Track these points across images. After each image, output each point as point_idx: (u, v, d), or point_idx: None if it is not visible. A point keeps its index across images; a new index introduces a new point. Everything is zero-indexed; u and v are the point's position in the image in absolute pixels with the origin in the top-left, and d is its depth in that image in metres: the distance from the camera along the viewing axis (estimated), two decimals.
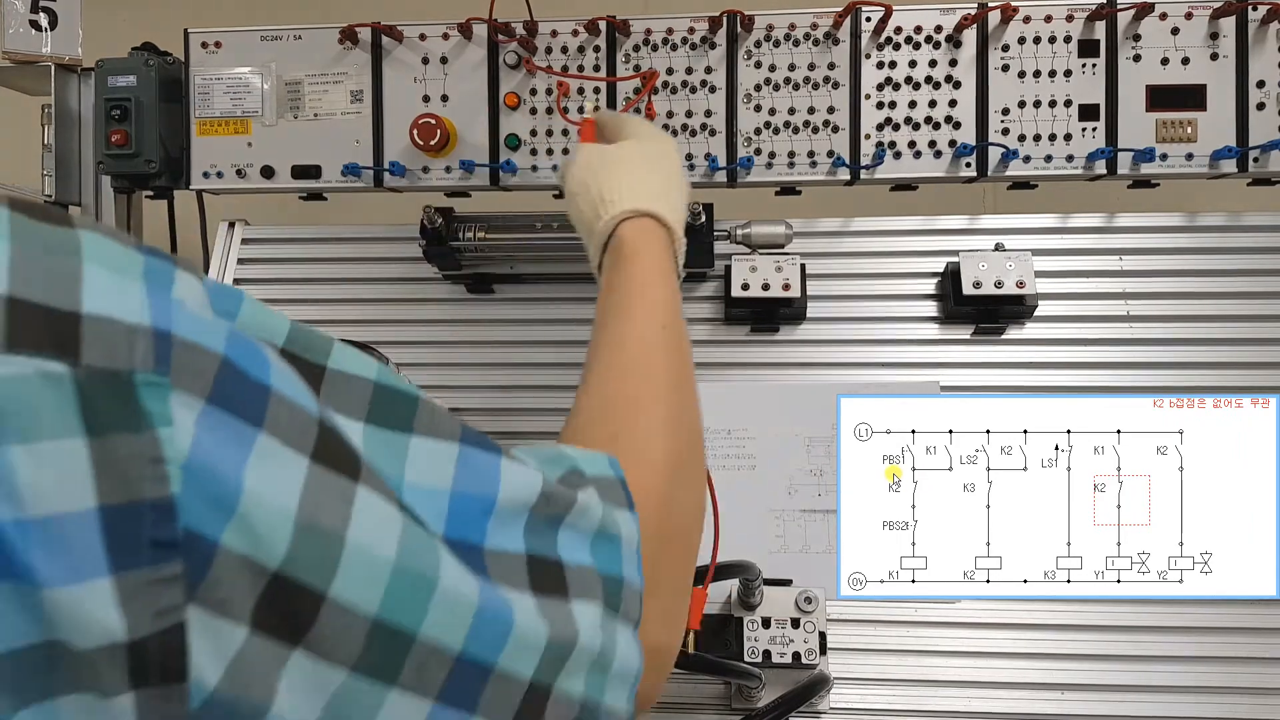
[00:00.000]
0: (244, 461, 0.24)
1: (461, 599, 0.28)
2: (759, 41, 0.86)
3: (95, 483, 0.22)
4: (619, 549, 0.35)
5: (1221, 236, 0.89)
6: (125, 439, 0.22)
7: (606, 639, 0.33)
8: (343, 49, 0.89)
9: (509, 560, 0.31)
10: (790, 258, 0.87)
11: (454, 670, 0.28)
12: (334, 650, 0.26)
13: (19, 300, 0.22)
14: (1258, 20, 0.82)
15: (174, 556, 0.23)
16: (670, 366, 0.50)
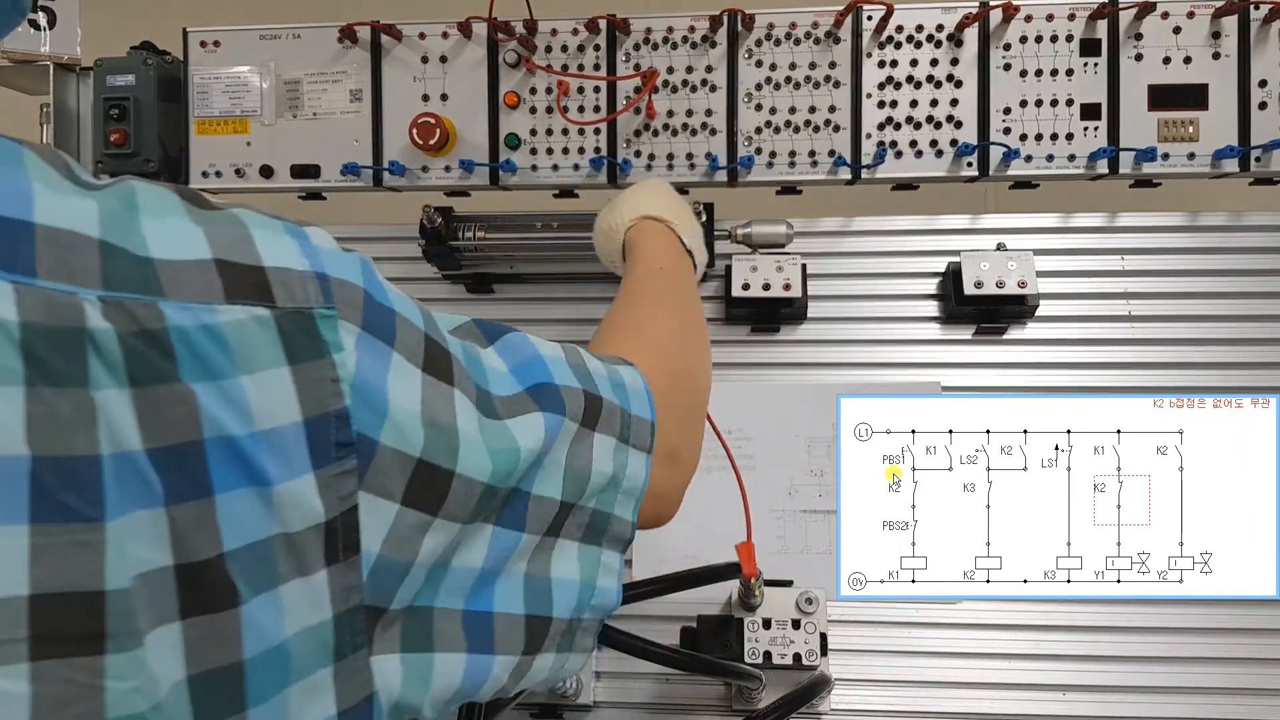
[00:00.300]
0: (386, 375, 0.31)
1: (520, 451, 0.36)
2: (760, 40, 0.86)
3: (299, 401, 0.28)
4: (626, 390, 0.43)
5: (1223, 236, 0.89)
6: (314, 365, 0.29)
7: (619, 462, 0.41)
8: (342, 48, 0.88)
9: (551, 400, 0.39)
10: (791, 257, 0.87)
11: (508, 498, 0.36)
12: (459, 512, 0.33)
13: (224, 261, 0.27)
14: (1260, 19, 0.82)
15: (350, 454, 0.29)
16: (670, 285, 0.61)
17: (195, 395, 0.26)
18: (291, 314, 0.28)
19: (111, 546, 0.24)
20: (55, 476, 0.23)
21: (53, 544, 0.23)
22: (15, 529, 0.22)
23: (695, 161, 0.87)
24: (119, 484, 0.24)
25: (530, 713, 0.79)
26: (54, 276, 0.24)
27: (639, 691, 0.80)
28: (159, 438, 0.25)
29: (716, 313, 0.91)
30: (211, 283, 0.27)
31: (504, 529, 0.36)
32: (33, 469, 0.23)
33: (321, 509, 0.29)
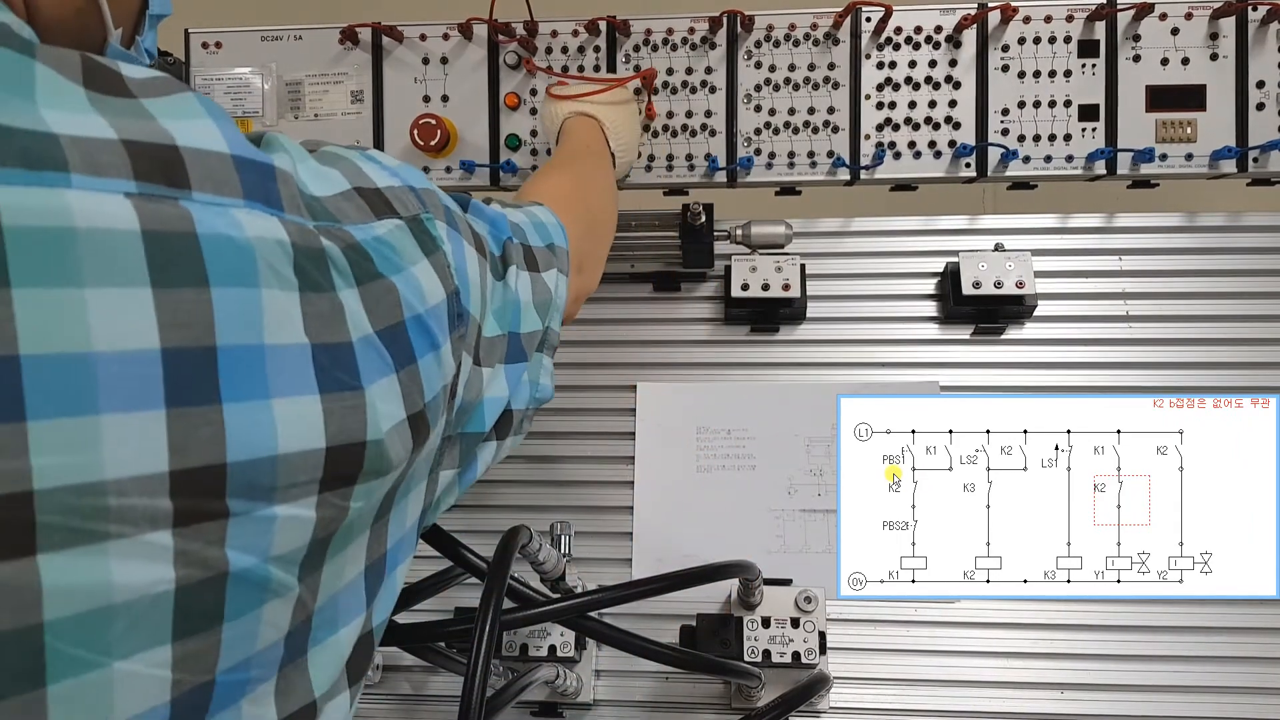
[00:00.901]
0: (464, 258, 0.40)
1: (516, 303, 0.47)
2: (759, 42, 0.86)
3: (441, 283, 0.37)
4: (548, 229, 0.54)
5: (1221, 237, 0.89)
6: (436, 256, 0.37)
7: (554, 286, 0.52)
8: (343, 49, 0.89)
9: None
10: (790, 258, 0.87)
11: (509, 343, 0.46)
12: (488, 360, 0.43)
13: (359, 189, 0.35)
14: (1257, 20, 0.83)
15: (462, 323, 0.39)
16: (580, 163, 0.74)
17: (394, 285, 0.33)
18: (412, 220, 0.36)
19: (370, 408, 0.31)
20: (327, 357, 0.30)
21: (335, 408, 0.30)
22: (309, 398, 0.29)
23: (695, 162, 0.87)
24: (365, 360, 0.31)
25: (530, 711, 0.79)
26: (291, 212, 0.30)
27: (639, 690, 0.80)
28: (381, 320, 0.33)
29: (716, 313, 0.92)
30: (360, 208, 0.34)
31: (512, 364, 0.46)
32: (313, 353, 0.29)
33: (453, 367, 0.37)
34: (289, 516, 0.29)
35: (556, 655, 0.75)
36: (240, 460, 0.27)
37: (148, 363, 0.24)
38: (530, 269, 0.49)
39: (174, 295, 0.25)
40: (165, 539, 0.25)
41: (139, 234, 0.24)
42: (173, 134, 0.27)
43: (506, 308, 0.45)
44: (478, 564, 0.60)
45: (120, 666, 0.24)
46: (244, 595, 0.28)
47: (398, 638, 0.64)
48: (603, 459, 0.88)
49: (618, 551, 0.85)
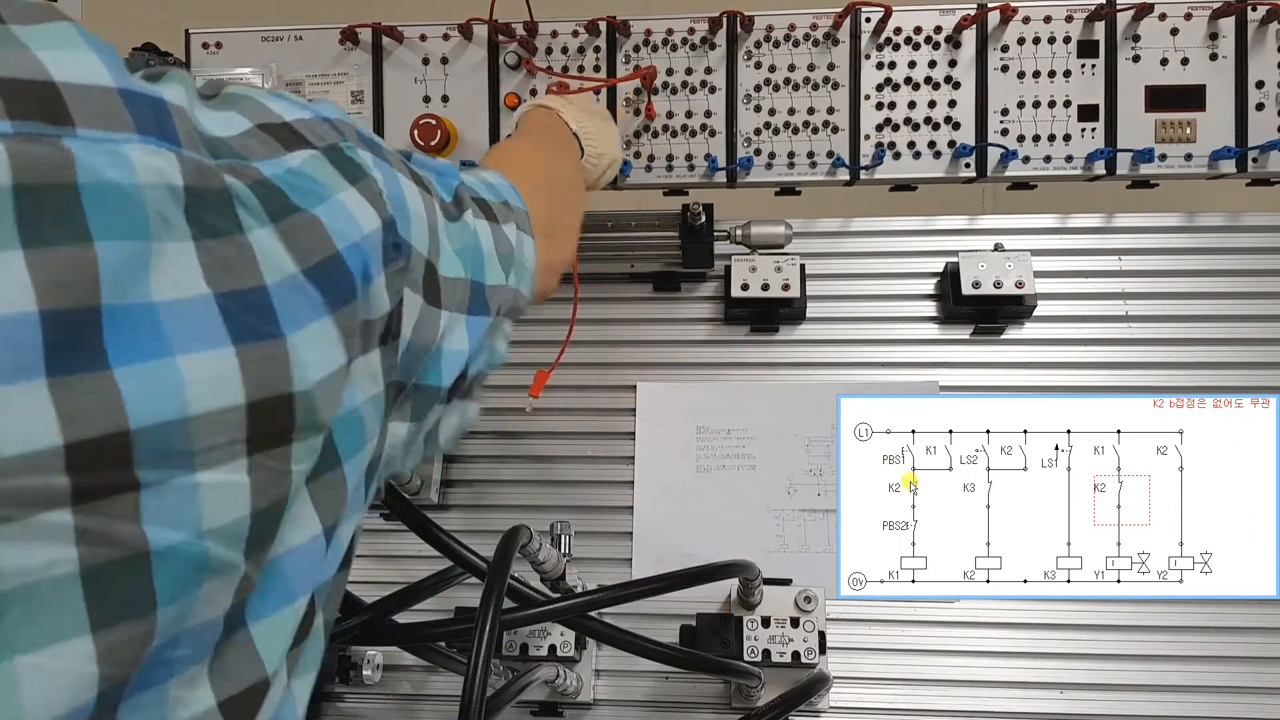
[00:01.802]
0: (399, 187, 0.36)
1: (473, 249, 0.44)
2: (759, 42, 0.86)
3: (373, 210, 0.33)
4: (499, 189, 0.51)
5: (1221, 237, 0.89)
6: (365, 183, 0.34)
7: (519, 244, 0.50)
8: (343, 49, 0.89)
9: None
10: (790, 258, 0.87)
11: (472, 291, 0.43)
12: (449, 303, 0.40)
13: (263, 124, 0.32)
14: (1257, 21, 0.83)
15: (400, 255, 0.35)
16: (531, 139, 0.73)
17: (317, 218, 0.30)
18: (329, 149, 0.33)
19: (293, 356, 0.28)
20: (236, 305, 0.27)
21: (252, 359, 0.27)
22: (222, 350, 0.26)
23: (695, 163, 0.87)
24: (286, 305, 0.28)
25: (530, 710, 0.79)
26: (189, 147, 0.28)
27: (639, 689, 0.80)
28: (308, 258, 0.30)
29: (716, 313, 0.92)
30: (267, 143, 0.31)
31: (475, 316, 0.43)
32: (219, 303, 0.26)
33: (388, 302, 0.34)
34: (215, 483, 0.26)
35: (556, 655, 0.75)
36: (145, 425, 0.24)
37: (25, 327, 0.22)
38: (489, 219, 0.47)
39: (50, 254, 0.22)
40: (63, 518, 0.22)
41: (9, 190, 0.22)
42: (47, 66, 0.24)
43: (466, 251, 0.42)
44: (478, 564, 0.60)
45: (25, 660, 0.22)
46: (176, 576, 0.25)
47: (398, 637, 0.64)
48: (603, 459, 0.88)
49: (618, 551, 0.85)
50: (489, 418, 0.90)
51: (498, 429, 0.90)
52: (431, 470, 0.87)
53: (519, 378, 0.91)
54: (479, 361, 0.46)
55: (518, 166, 0.59)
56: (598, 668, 0.81)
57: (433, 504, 0.86)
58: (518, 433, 0.90)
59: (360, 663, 0.80)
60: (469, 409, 0.48)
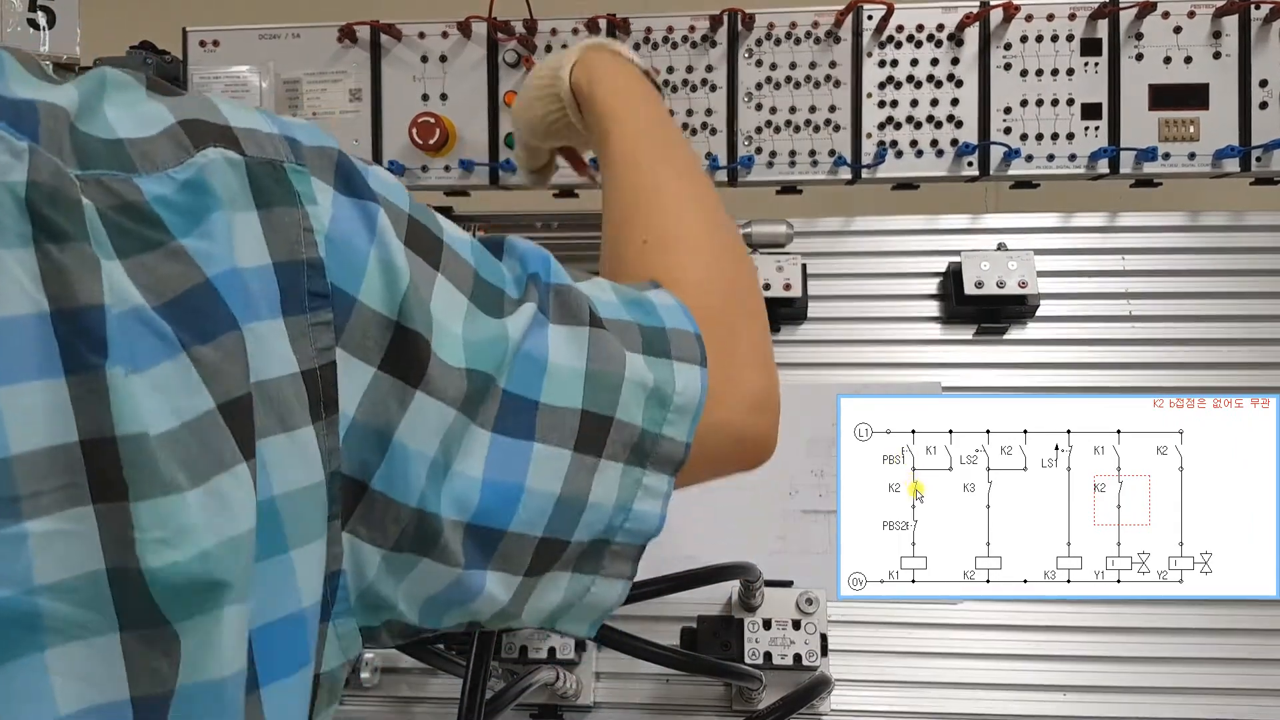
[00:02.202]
0: (365, 235, 0.30)
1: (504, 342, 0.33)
2: (760, 40, 0.86)
3: (268, 244, 0.28)
4: (656, 307, 0.40)
5: (1224, 236, 0.89)
6: (285, 210, 0.28)
7: (660, 375, 0.37)
8: (341, 47, 0.88)
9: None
10: (791, 257, 0.87)
11: (503, 403, 0.33)
12: (446, 389, 0.31)
13: (189, 120, 0.27)
14: (1260, 19, 0.82)
15: (325, 305, 0.29)
16: (672, 150, 0.52)
17: (184, 248, 0.26)
18: (262, 163, 0.28)
19: (117, 395, 0.24)
20: (69, 327, 0.23)
21: (83, 393, 0.23)
22: (51, 381, 0.23)
23: None
24: (122, 336, 0.24)
25: (530, 714, 0.79)
26: (48, 147, 0.24)
27: (639, 692, 0.80)
28: (160, 292, 0.25)
29: None
30: (179, 146, 0.27)
31: (505, 436, 0.33)
32: (53, 322, 0.23)
33: (293, 359, 0.28)
34: (49, 532, 0.23)
35: (556, 657, 0.75)
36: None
37: None
38: (586, 323, 0.36)
39: None
40: None
41: None
42: None
43: (494, 344, 0.33)
44: None
45: None
46: (5, 638, 0.22)
47: None
48: None
49: None
50: None
51: None
52: None
53: None
54: (589, 521, 0.36)
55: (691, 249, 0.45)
56: (598, 670, 0.80)
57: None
58: None
59: (358, 666, 0.80)
60: (596, 586, 0.38)
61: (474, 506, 0.32)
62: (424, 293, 0.31)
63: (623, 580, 0.39)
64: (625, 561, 0.38)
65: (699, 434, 0.38)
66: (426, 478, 0.31)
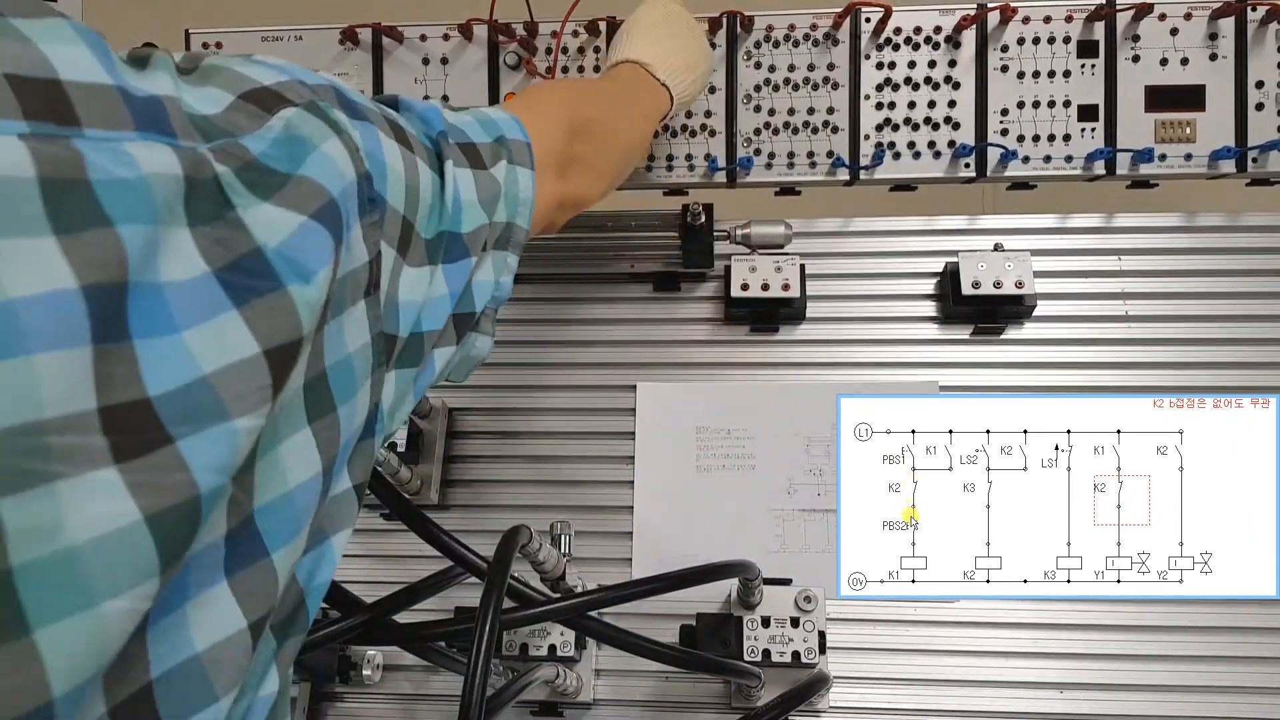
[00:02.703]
0: (378, 144, 0.38)
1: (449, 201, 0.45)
2: (759, 42, 0.86)
3: (352, 163, 0.35)
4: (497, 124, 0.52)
5: (1220, 237, 0.89)
6: (344, 137, 0.35)
7: (508, 178, 0.50)
8: (343, 49, 0.89)
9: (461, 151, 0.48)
10: (790, 258, 0.87)
11: (448, 242, 0.45)
12: (418, 260, 0.42)
13: (246, 93, 0.33)
14: (1257, 21, 0.83)
15: (375, 209, 0.37)
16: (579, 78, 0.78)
17: (304, 176, 0.32)
18: (309, 105, 0.35)
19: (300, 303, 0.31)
20: (235, 274, 0.29)
21: (257, 315, 0.29)
22: (225, 315, 0.28)
23: (695, 163, 0.87)
24: (288, 258, 0.31)
25: (530, 710, 0.79)
26: (184, 138, 0.29)
27: (638, 689, 0.80)
28: (307, 207, 0.32)
29: (716, 313, 0.92)
30: (251, 114, 0.33)
31: (451, 264, 0.45)
32: (219, 277, 0.29)
33: (364, 252, 0.36)
34: (249, 428, 0.29)
35: (556, 655, 0.75)
36: (163, 392, 0.26)
37: (69, 301, 0.24)
38: (473, 165, 0.47)
39: (79, 238, 0.24)
40: (110, 475, 0.24)
41: (35, 180, 0.23)
42: (53, 63, 0.25)
43: (445, 206, 0.44)
44: (478, 564, 0.60)
45: (111, 605, 0.24)
46: (210, 512, 0.28)
47: (398, 637, 0.64)
48: (603, 459, 0.88)
49: (618, 551, 0.85)
50: (489, 418, 0.90)
51: (498, 429, 0.90)
52: (431, 470, 0.87)
53: (518, 378, 0.92)
54: (479, 298, 0.49)
55: (534, 97, 0.61)
56: (598, 667, 0.81)
57: (433, 504, 0.86)
58: (518, 433, 0.90)
59: (360, 662, 0.80)
60: (478, 342, 0.51)
61: (443, 313, 0.45)
62: (412, 180, 0.40)
63: (491, 337, 0.53)
64: (491, 322, 0.53)
65: None
66: (410, 310, 0.41)
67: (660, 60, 0.73)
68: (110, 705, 0.25)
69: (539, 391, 0.91)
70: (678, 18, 0.77)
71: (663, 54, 0.73)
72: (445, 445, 0.88)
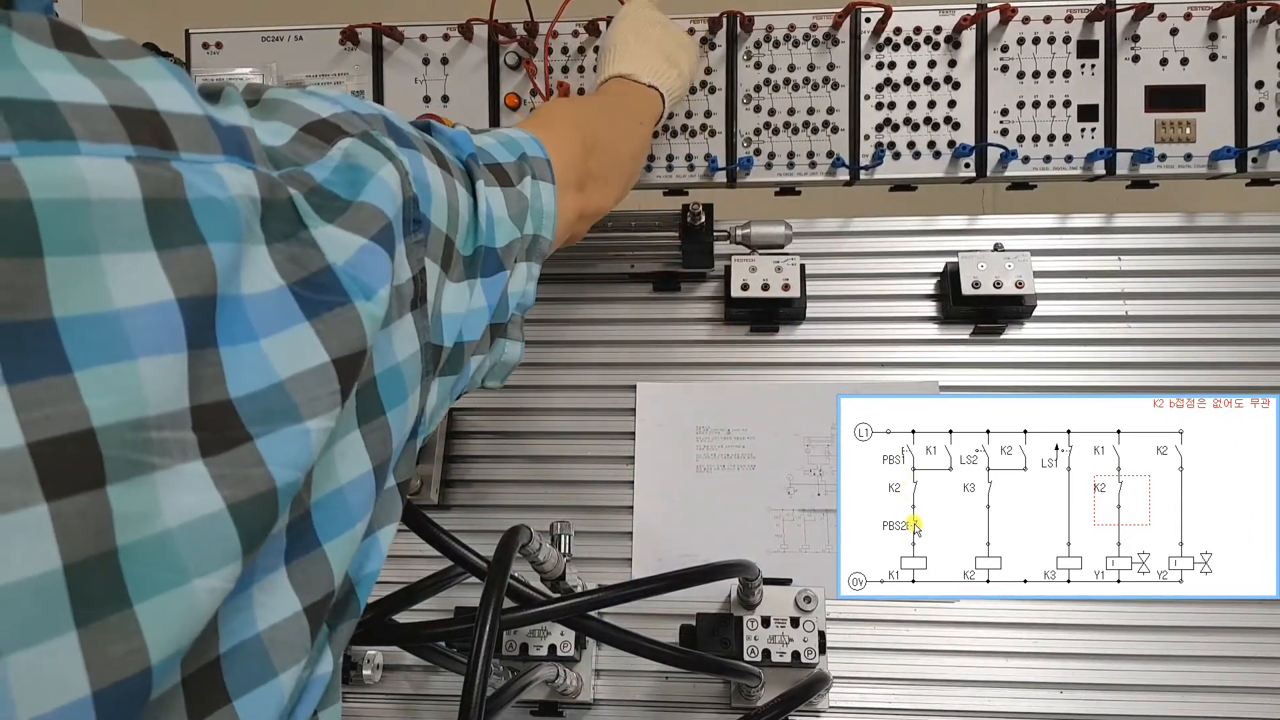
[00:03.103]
0: (424, 170, 0.41)
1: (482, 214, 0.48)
2: (759, 42, 0.86)
3: (400, 188, 0.38)
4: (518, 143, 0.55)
5: (1220, 237, 0.89)
6: (395, 163, 0.38)
7: (533, 193, 0.54)
8: (343, 49, 0.89)
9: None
10: (790, 258, 0.87)
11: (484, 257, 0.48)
12: (456, 274, 0.44)
13: (307, 126, 0.37)
14: (1256, 21, 0.83)
15: (420, 229, 0.39)
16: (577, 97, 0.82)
17: (364, 203, 0.35)
18: (364, 135, 0.37)
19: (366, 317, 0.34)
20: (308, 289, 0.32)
21: (328, 327, 0.32)
22: (298, 327, 0.31)
23: (695, 163, 0.87)
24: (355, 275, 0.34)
25: (530, 710, 0.79)
26: (260, 164, 0.32)
27: (639, 689, 0.80)
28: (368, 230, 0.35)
29: (716, 313, 0.92)
30: (313, 145, 0.36)
31: (489, 278, 0.48)
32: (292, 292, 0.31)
33: (409, 269, 0.38)
34: (321, 429, 0.31)
35: (556, 655, 0.75)
36: (244, 394, 0.29)
37: (168, 312, 0.26)
38: (502, 184, 0.50)
39: (177, 254, 0.27)
40: (199, 468, 0.27)
41: (140, 201, 0.26)
42: (151, 96, 0.28)
43: (479, 223, 0.47)
44: (478, 564, 0.60)
45: (200, 583, 0.27)
46: (286, 503, 0.30)
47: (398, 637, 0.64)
48: (603, 459, 0.88)
49: (618, 551, 0.85)
50: (489, 418, 0.90)
51: (498, 429, 0.90)
52: (431, 470, 0.87)
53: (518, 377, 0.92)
54: (509, 306, 0.52)
55: (547, 118, 0.64)
56: (598, 667, 0.81)
57: (433, 504, 0.86)
58: (518, 433, 0.90)
59: (360, 662, 0.80)
60: (509, 348, 0.54)
61: (481, 325, 0.48)
62: (453, 200, 0.43)
63: (521, 342, 0.56)
64: (519, 327, 0.55)
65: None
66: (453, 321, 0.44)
67: (641, 67, 0.76)
68: (184, 675, 0.28)
69: (539, 391, 0.91)
70: (646, 23, 0.79)
71: (641, 60, 0.76)
72: (445, 445, 0.88)
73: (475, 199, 0.47)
